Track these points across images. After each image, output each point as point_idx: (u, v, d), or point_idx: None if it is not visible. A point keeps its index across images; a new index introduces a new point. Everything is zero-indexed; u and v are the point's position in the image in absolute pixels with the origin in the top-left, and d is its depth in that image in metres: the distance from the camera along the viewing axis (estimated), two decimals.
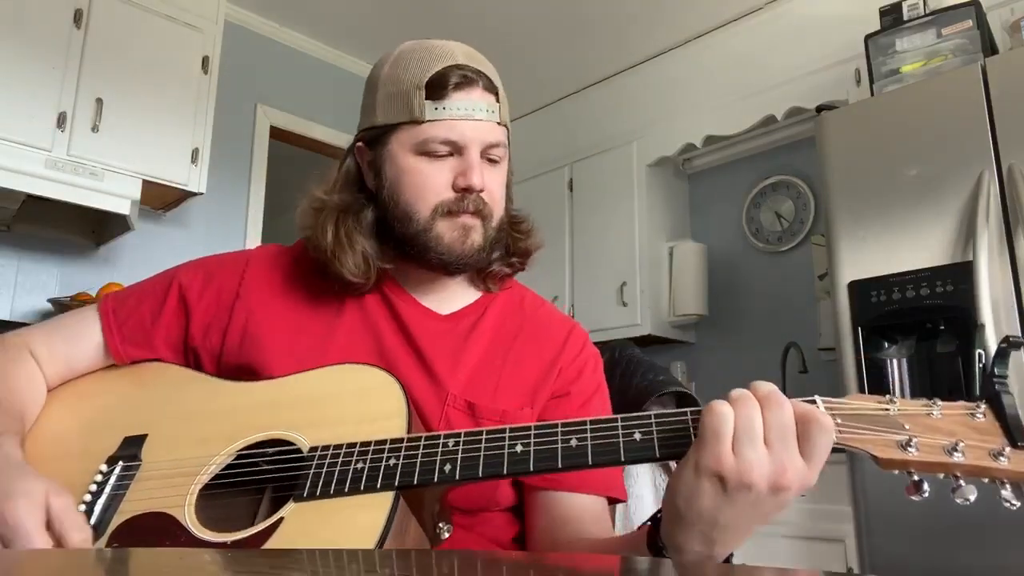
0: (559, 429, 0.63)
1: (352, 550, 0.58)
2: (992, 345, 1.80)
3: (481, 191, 0.83)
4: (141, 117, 2.55)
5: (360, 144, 0.89)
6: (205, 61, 2.75)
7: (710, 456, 0.56)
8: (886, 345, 2.11)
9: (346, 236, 0.85)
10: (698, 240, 3.50)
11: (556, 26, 3.23)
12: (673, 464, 0.96)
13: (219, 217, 3.06)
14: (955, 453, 0.56)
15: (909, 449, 0.57)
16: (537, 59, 3.48)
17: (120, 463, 0.74)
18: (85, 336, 0.88)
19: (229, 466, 0.71)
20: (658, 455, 0.61)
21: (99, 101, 2.45)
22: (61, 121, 2.38)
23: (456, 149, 0.83)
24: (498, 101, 0.87)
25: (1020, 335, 1.82)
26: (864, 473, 2.03)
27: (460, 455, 0.63)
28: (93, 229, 2.75)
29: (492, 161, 0.86)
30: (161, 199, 2.79)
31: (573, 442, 0.62)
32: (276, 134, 3.30)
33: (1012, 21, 2.25)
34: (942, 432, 0.58)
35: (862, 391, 2.05)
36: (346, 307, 0.87)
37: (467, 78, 0.83)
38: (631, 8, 3.10)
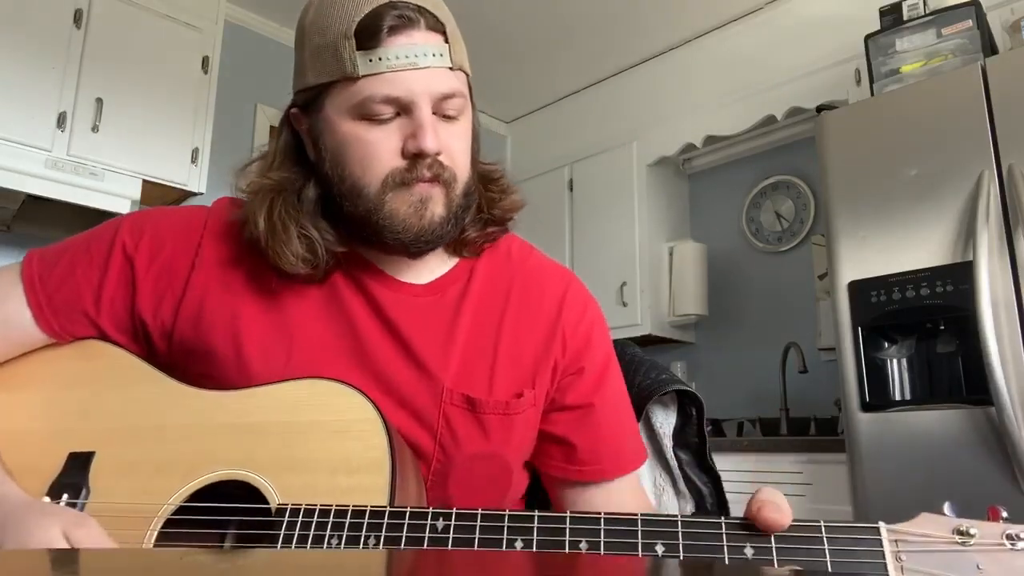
0: (567, 526, 0.55)
1: (358, 554, 0.57)
2: (992, 344, 1.80)
3: (437, 154, 0.70)
4: (141, 117, 2.55)
5: (295, 110, 0.76)
6: (205, 61, 2.75)
7: None
8: (886, 345, 2.11)
9: (280, 222, 0.72)
10: (698, 240, 3.50)
11: (556, 26, 3.23)
12: (673, 463, 0.96)
13: None
14: None
15: None
16: (537, 59, 3.47)
17: (65, 495, 0.63)
18: (12, 310, 0.74)
19: (186, 507, 0.63)
20: None
21: (99, 101, 2.45)
22: (61, 121, 2.37)
23: (402, 107, 0.69)
24: (447, 41, 0.71)
25: (1020, 334, 1.82)
26: (864, 473, 2.02)
27: (450, 546, 0.55)
28: None
29: (449, 117, 0.72)
30: (161, 199, 2.78)
31: (583, 547, 0.54)
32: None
33: (1012, 21, 2.25)
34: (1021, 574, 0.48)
35: (862, 391, 2.04)
36: (311, 285, 0.76)
37: (405, 18, 0.68)
38: (631, 8, 3.10)
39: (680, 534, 0.53)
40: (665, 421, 0.97)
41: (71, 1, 2.44)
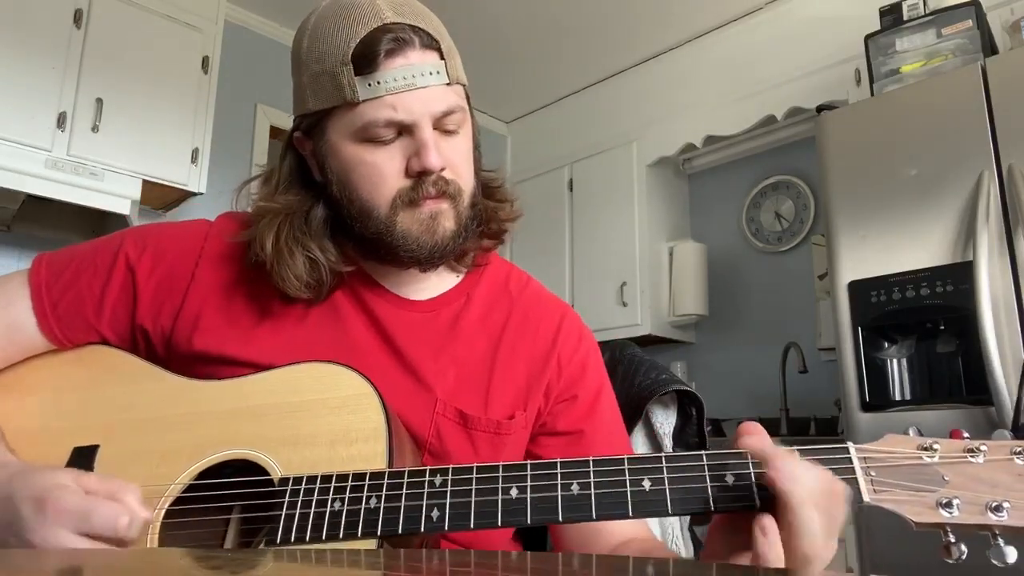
0: (559, 471, 0.57)
1: (356, 551, 0.57)
2: (992, 344, 1.80)
3: (442, 170, 0.72)
4: (141, 117, 2.55)
5: (298, 134, 0.77)
6: (205, 61, 2.75)
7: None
8: (886, 345, 2.11)
9: (286, 246, 0.74)
10: (698, 240, 3.50)
11: (556, 26, 3.23)
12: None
13: None
14: (999, 512, 0.50)
15: (949, 511, 0.51)
16: (537, 59, 3.48)
17: None
18: (16, 316, 0.75)
19: (191, 487, 0.64)
20: (670, 511, 0.56)
21: (99, 101, 2.45)
22: (61, 121, 2.37)
23: (403, 128, 0.71)
24: (443, 57, 0.72)
25: (1020, 334, 1.82)
26: None
27: (448, 499, 0.57)
28: (93, 229, 2.75)
29: (449, 132, 0.73)
30: (161, 199, 2.78)
31: (575, 488, 0.56)
32: (276, 134, 3.29)
33: (1012, 21, 2.25)
34: (985, 484, 0.51)
35: (862, 391, 2.04)
36: (312, 302, 0.78)
37: (400, 40, 0.69)
38: (631, 8, 3.10)
39: (664, 469, 0.57)
40: (665, 421, 0.97)
41: (71, 1, 2.44)
